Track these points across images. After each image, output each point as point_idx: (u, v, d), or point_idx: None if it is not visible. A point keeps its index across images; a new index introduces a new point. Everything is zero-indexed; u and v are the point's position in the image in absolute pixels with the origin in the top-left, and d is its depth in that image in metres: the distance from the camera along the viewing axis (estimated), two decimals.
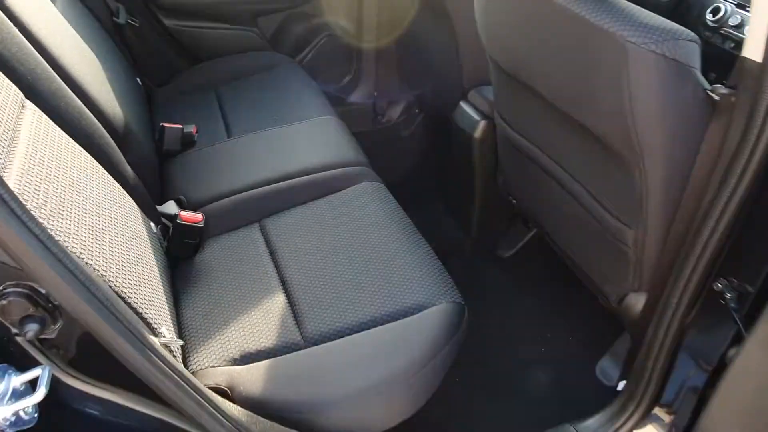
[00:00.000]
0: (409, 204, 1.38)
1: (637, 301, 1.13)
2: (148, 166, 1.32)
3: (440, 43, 1.62)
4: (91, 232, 0.84)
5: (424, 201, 1.89)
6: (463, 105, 1.58)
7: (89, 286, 0.56)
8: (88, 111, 1.09)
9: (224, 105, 1.71)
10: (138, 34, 1.80)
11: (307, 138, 1.49)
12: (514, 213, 1.64)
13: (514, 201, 1.51)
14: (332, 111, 1.63)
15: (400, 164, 2.09)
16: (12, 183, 0.75)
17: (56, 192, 0.82)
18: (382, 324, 1.01)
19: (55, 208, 0.78)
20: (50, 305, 0.54)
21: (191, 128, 1.55)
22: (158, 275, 1.02)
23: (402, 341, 0.99)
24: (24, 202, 0.73)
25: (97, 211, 0.90)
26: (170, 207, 1.30)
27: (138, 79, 1.72)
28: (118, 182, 1.09)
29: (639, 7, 0.88)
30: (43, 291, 0.53)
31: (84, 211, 0.86)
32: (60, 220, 0.78)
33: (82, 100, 1.09)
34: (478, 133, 1.51)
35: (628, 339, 1.29)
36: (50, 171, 0.85)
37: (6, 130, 0.82)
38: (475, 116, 1.53)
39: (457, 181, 1.73)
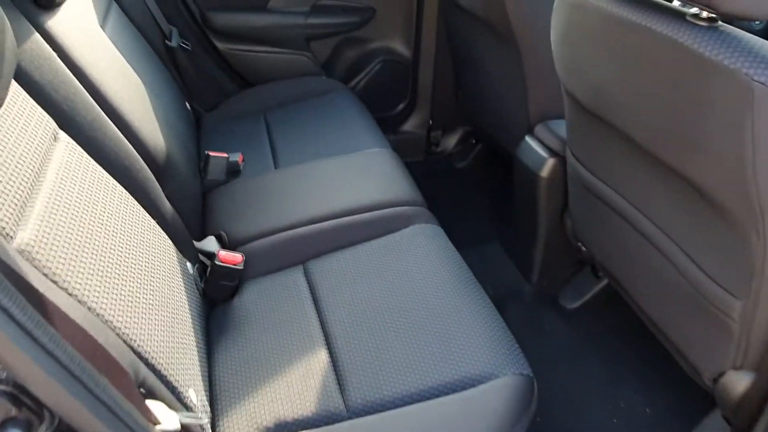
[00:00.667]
0: (463, 241, 1.26)
1: (739, 382, 0.95)
2: (189, 198, 1.24)
3: (505, 72, 1.49)
4: (115, 284, 0.75)
5: (479, 238, 1.75)
6: (529, 140, 1.44)
7: (87, 383, 0.46)
8: (127, 142, 1.01)
9: (273, 132, 1.63)
10: (190, 57, 1.75)
11: (358, 172, 1.38)
12: (582, 260, 1.47)
13: (584, 247, 1.35)
14: (385, 142, 1.52)
15: (454, 197, 1.97)
16: (29, 230, 0.66)
17: (79, 238, 0.73)
18: (437, 396, 0.88)
19: (75, 259, 0.70)
20: (37, 405, 0.44)
21: (237, 157, 1.48)
22: (190, 326, 0.92)
23: (460, 419, 0.85)
24: (39, 255, 0.65)
25: (126, 257, 0.81)
26: (210, 244, 1.22)
27: (187, 103, 1.67)
28: (154, 218, 1.01)
29: (762, 39, 0.73)
30: (28, 389, 0.43)
31: (110, 260, 0.77)
32: (80, 272, 0.69)
33: (122, 131, 1.02)
34: (545, 172, 1.37)
35: (721, 420, 1.10)
36: (76, 212, 0.76)
37: (31, 168, 0.74)
38: (543, 153, 1.38)
39: (518, 220, 1.58)
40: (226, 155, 1.44)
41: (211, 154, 1.42)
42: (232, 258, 1.11)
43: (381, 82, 1.99)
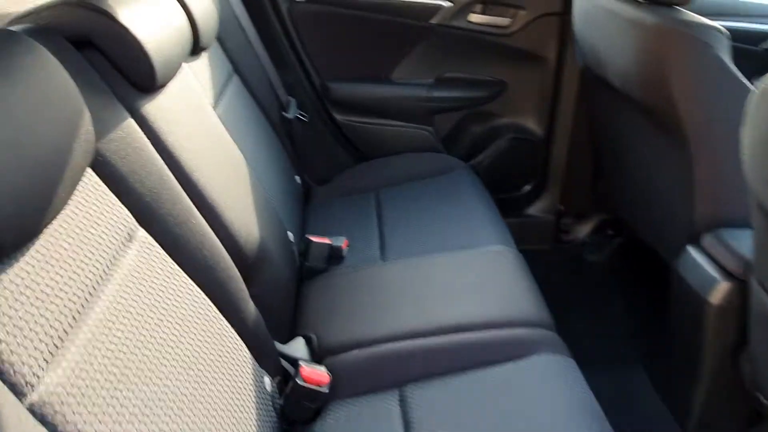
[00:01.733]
0: (594, 360, 1.03)
1: None
2: (279, 292, 1.11)
3: (664, 164, 1.23)
4: (174, 415, 0.61)
5: (616, 358, 1.45)
6: (693, 251, 1.15)
7: None
8: (215, 238, 0.90)
9: (383, 213, 1.48)
10: (306, 128, 1.69)
11: (475, 277, 1.18)
12: (763, 414, 1.12)
13: (766, 401, 1.02)
14: (509, 239, 1.31)
15: (586, 300, 1.68)
16: (74, 352, 0.55)
17: (135, 359, 0.61)
18: None
19: (127, 386, 0.57)
20: None
21: (341, 242, 1.34)
22: None
23: None
24: (82, 382, 0.53)
25: (191, 382, 0.68)
26: (297, 348, 1.07)
27: (297, 177, 1.59)
28: (233, 325, 0.87)
29: None
30: None
31: (170, 387, 0.63)
32: (130, 401, 0.56)
33: (211, 224, 0.91)
34: (716, 299, 1.07)
35: None
36: (134, 328, 0.64)
37: (93, 276, 0.63)
38: (713, 272, 1.09)
39: (673, 349, 1.27)
40: (329, 242, 1.31)
41: (313, 239, 1.30)
42: (317, 377, 0.94)
43: (507, 160, 1.80)
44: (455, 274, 1.19)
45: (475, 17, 1.62)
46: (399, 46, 1.69)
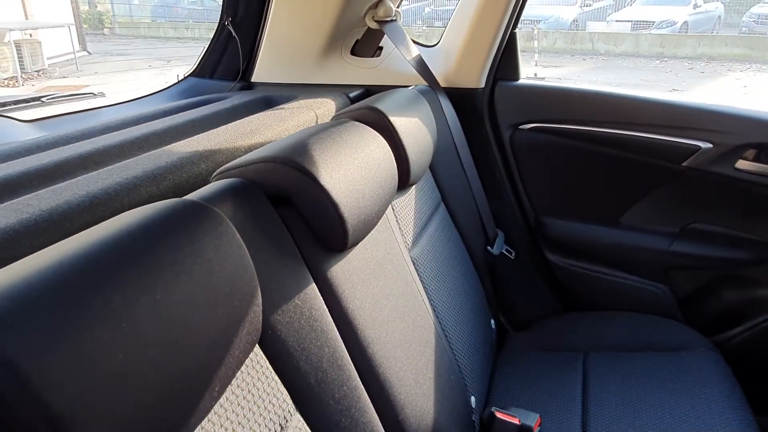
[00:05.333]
0: None
1: None
2: None
3: None
4: None
5: None
6: None
7: None
8: (379, 428, 0.76)
9: (590, 388, 1.20)
10: (511, 266, 1.50)
11: None
12: None
13: None
14: None
15: None
16: None
17: None
18: None
19: None
20: None
21: (533, 421, 1.10)
22: None
23: None
24: None
25: None
26: None
27: (493, 320, 1.40)
28: None
29: None
30: None
31: None
32: None
33: (378, 409, 0.77)
34: None
35: None
36: None
37: None
38: None
39: None
40: (517, 421, 1.08)
41: (498, 415, 1.08)
42: None
43: None
44: None
45: (745, 164, 1.30)
46: (635, 186, 1.43)
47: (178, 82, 1.54)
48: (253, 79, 1.53)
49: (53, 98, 1.29)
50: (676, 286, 1.44)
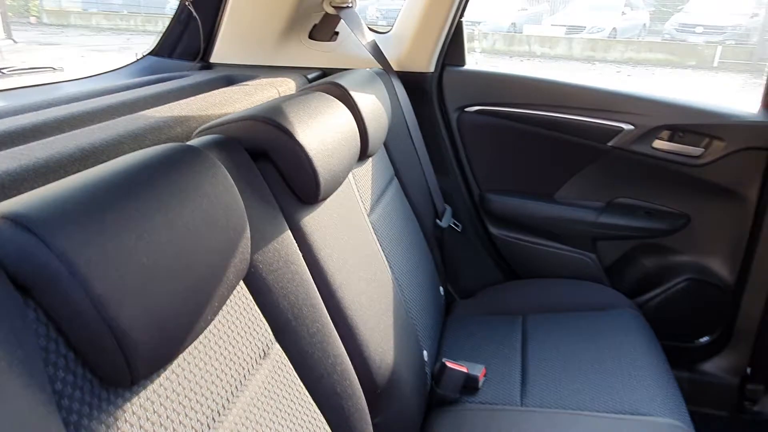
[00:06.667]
0: None
1: None
2: (405, 425, 1.01)
3: None
4: None
5: None
6: None
7: None
8: (348, 361, 0.85)
9: (529, 345, 1.34)
10: (457, 239, 1.63)
11: None
12: None
13: None
14: (684, 410, 1.08)
15: None
16: None
17: None
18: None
19: None
20: None
21: (478, 371, 1.22)
22: None
23: None
24: None
25: None
26: None
27: (442, 288, 1.51)
28: None
29: None
30: None
31: None
32: None
33: (347, 345, 0.86)
34: None
35: None
36: None
37: (223, 395, 0.61)
38: None
39: None
40: (465, 369, 1.20)
41: (449, 365, 1.19)
42: None
43: (683, 304, 1.55)
44: None
45: (660, 143, 1.48)
46: (568, 164, 1.59)
47: (137, 60, 1.57)
48: (212, 60, 1.57)
49: (13, 70, 1.30)
50: (602, 254, 1.61)
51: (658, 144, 1.48)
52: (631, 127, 1.48)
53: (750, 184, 1.43)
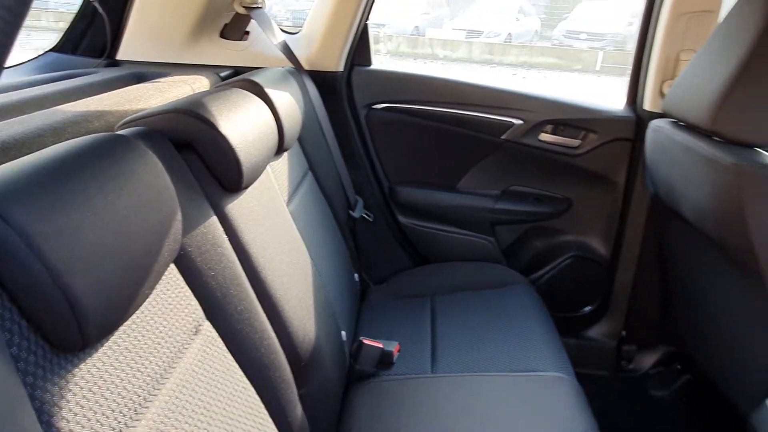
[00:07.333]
0: None
1: None
2: (327, 397, 1.10)
3: (740, 307, 1.17)
4: None
5: None
6: None
7: None
8: (273, 336, 0.92)
9: (438, 321, 1.47)
10: (369, 228, 1.73)
11: (527, 405, 1.12)
12: None
13: None
14: (569, 367, 1.25)
15: (646, 431, 1.56)
16: None
17: None
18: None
19: None
20: None
21: (393, 347, 1.33)
22: None
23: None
24: None
25: None
26: None
27: (357, 274, 1.61)
28: (279, 428, 0.87)
29: None
30: None
31: None
32: None
33: (272, 322, 0.93)
34: None
35: None
36: (188, 425, 0.65)
37: (159, 368, 0.65)
38: None
39: None
40: (380, 345, 1.30)
41: (365, 342, 1.29)
42: None
43: (568, 279, 1.76)
44: (507, 398, 1.14)
45: (545, 136, 1.67)
46: (468, 157, 1.74)
47: (37, 57, 1.52)
48: (119, 57, 1.56)
49: None
50: (500, 237, 1.78)
51: (543, 137, 1.67)
52: (521, 122, 1.66)
53: (619, 171, 1.65)
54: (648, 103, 1.57)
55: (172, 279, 0.75)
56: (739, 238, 1.05)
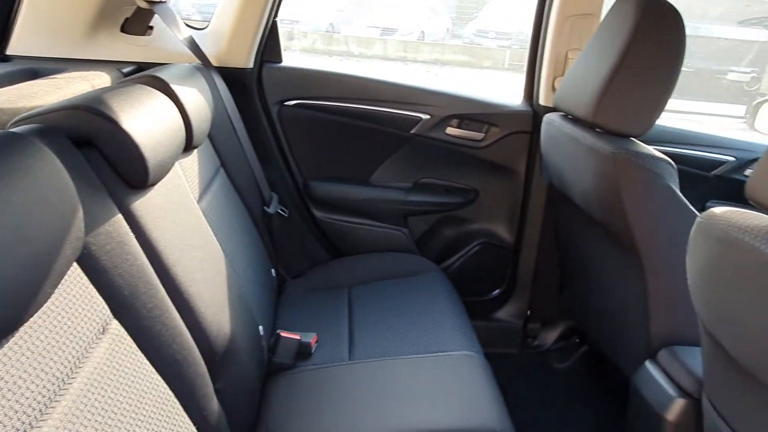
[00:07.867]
0: None
1: None
2: (244, 390, 1.11)
3: (622, 282, 1.30)
4: None
5: None
6: (650, 367, 1.19)
7: None
8: (186, 332, 0.92)
9: (354, 311, 1.51)
10: (285, 223, 1.74)
11: (440, 382, 1.20)
12: None
13: None
14: (477, 345, 1.34)
15: (551, 406, 1.69)
16: None
17: None
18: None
19: None
20: None
21: (311, 338, 1.36)
22: None
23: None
24: None
25: None
26: None
27: (273, 270, 1.62)
28: (195, 422, 0.87)
29: None
30: None
31: None
32: None
33: (184, 318, 0.93)
34: (672, 416, 1.10)
35: None
36: (99, 424, 0.65)
37: (64, 368, 0.65)
38: (669, 389, 1.12)
39: None
40: (298, 337, 1.33)
41: (283, 334, 1.31)
42: None
43: (477, 265, 1.86)
44: (420, 378, 1.21)
45: (451, 130, 1.75)
46: (379, 151, 1.80)
47: None
48: (9, 52, 1.48)
49: None
50: (413, 228, 1.86)
51: (450, 131, 1.75)
52: (428, 116, 1.73)
53: (519, 161, 1.77)
54: (542, 98, 1.69)
55: (75, 278, 0.74)
56: (618, 218, 1.17)
